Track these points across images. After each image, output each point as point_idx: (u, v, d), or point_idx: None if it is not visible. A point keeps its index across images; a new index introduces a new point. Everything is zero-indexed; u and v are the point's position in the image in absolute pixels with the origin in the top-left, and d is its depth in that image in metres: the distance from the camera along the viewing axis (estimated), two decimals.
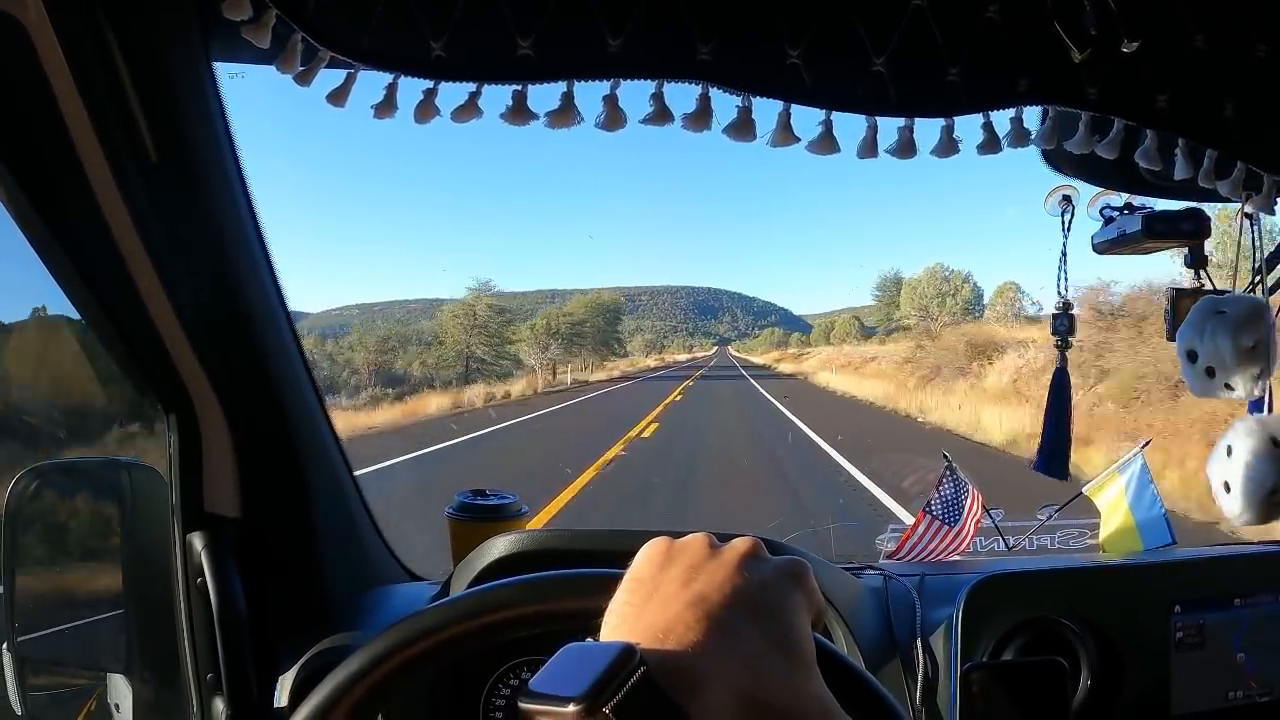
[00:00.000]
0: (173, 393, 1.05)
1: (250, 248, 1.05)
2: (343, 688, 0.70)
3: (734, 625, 0.51)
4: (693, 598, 0.53)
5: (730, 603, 0.53)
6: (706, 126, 0.82)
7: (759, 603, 0.54)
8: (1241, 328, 1.00)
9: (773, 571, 0.57)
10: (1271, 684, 1.11)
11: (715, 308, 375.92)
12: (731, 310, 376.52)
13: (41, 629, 1.16)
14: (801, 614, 0.55)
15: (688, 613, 0.51)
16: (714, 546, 0.58)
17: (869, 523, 1.79)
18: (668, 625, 0.51)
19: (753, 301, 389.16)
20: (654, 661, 0.47)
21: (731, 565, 0.56)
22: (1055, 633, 1.05)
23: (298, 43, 0.81)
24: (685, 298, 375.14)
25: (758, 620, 0.52)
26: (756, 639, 0.51)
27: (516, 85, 0.80)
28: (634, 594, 0.56)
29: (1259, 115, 0.95)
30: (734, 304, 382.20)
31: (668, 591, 0.54)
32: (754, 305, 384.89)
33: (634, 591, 0.56)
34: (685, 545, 0.59)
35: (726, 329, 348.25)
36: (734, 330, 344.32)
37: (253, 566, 1.11)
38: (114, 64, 0.83)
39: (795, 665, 0.52)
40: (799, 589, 0.57)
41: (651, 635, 0.50)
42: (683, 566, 0.56)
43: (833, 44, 0.83)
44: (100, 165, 0.87)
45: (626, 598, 0.56)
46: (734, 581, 0.54)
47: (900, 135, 0.88)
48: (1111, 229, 1.20)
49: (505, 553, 1.13)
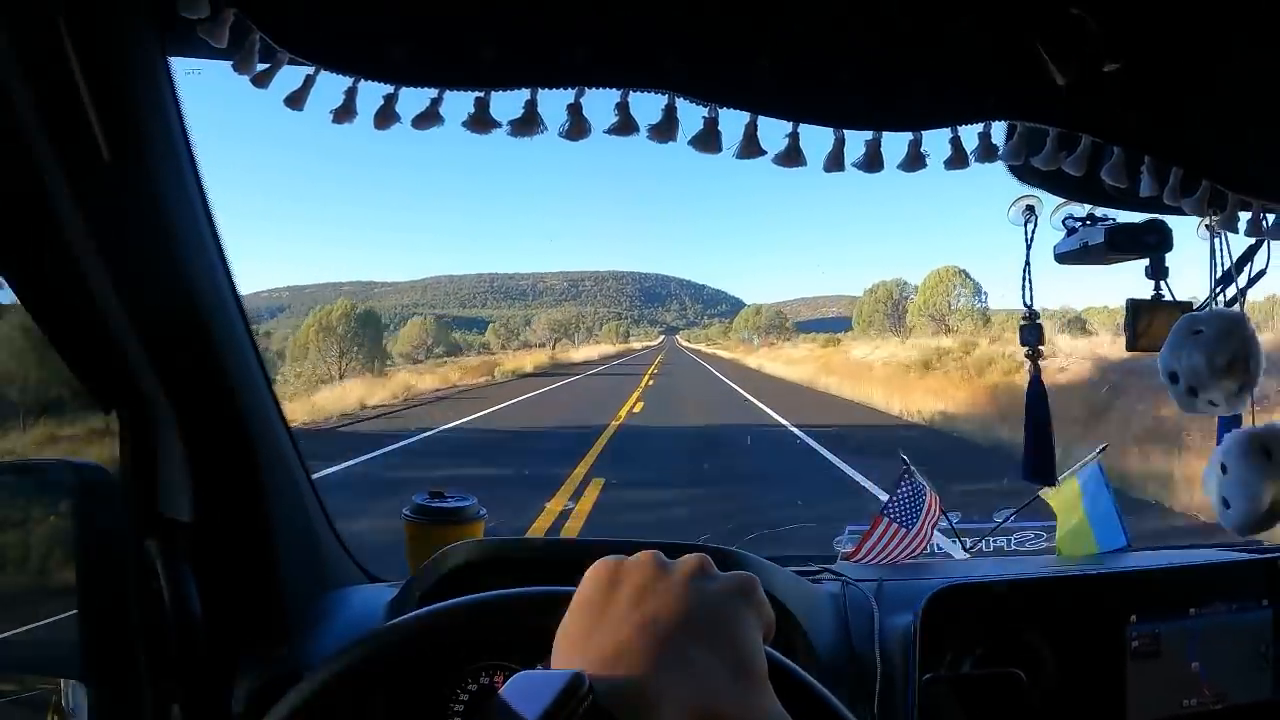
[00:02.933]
0: (123, 391, 1.03)
1: (204, 244, 1.02)
2: (293, 712, 0.69)
3: (683, 647, 0.51)
4: (641, 620, 0.52)
5: (679, 625, 0.52)
6: (672, 138, 0.81)
7: (708, 623, 0.53)
8: (1215, 346, 1.01)
9: (721, 589, 0.56)
10: (1225, 692, 1.13)
11: (663, 295, 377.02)
12: (680, 297, 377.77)
13: None
14: (752, 630, 0.55)
15: (636, 636, 0.51)
16: (661, 565, 0.58)
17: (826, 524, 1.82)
18: (616, 650, 0.51)
19: (702, 289, 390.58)
20: (602, 688, 0.47)
21: (680, 585, 0.55)
22: (1013, 642, 1.06)
23: (255, 43, 0.79)
24: (632, 284, 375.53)
25: (707, 641, 0.52)
26: (706, 660, 0.51)
27: (479, 92, 0.79)
28: (582, 617, 0.55)
29: (1225, 134, 0.96)
30: (683, 291, 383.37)
31: (616, 614, 0.54)
32: (704, 293, 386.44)
33: (582, 615, 0.56)
34: (632, 565, 0.58)
35: (674, 317, 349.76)
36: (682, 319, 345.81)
37: (208, 570, 1.09)
38: (66, 57, 0.81)
39: (747, 683, 0.52)
40: (748, 605, 0.56)
41: (600, 661, 0.50)
42: (631, 587, 0.56)
43: (800, 57, 0.82)
44: (50, 159, 0.84)
45: (575, 621, 0.56)
46: (682, 603, 0.54)
47: (867, 148, 0.87)
48: (1074, 240, 1.20)
49: (465, 560, 1.12)
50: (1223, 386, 1.01)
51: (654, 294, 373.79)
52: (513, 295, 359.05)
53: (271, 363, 40.68)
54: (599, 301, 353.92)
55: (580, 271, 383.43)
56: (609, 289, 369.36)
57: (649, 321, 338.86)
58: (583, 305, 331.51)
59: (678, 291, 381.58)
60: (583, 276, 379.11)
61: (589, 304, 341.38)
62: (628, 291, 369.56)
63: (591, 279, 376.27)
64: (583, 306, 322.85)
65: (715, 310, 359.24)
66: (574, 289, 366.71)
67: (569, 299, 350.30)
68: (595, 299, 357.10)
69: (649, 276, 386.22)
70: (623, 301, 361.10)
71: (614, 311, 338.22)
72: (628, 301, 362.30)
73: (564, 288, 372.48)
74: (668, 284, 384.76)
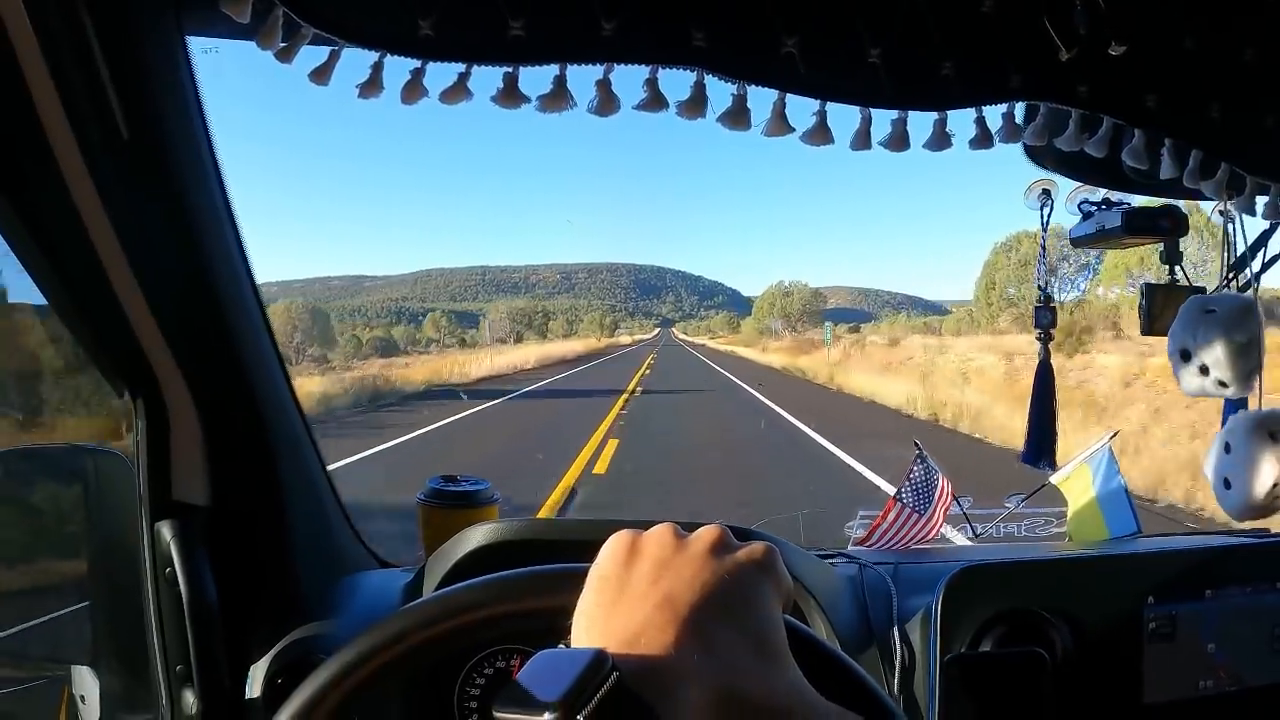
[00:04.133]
0: (140, 377, 1.02)
1: (221, 228, 1.02)
2: (312, 701, 0.69)
3: (704, 624, 0.51)
4: (661, 598, 0.52)
5: (699, 601, 0.52)
6: (701, 114, 0.81)
7: (728, 597, 0.53)
8: (1233, 326, 1.02)
9: (741, 561, 0.56)
10: (1240, 674, 1.14)
11: (659, 287, 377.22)
12: (676, 289, 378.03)
13: (4, 620, 1.12)
14: (771, 602, 0.55)
15: (657, 614, 0.51)
16: (680, 537, 0.58)
17: (838, 510, 1.80)
18: (638, 628, 0.50)
19: (699, 281, 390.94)
20: (626, 667, 0.47)
21: (698, 559, 0.55)
22: (1032, 623, 1.06)
23: (279, 18, 0.78)
24: (626, 276, 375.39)
25: (728, 616, 0.52)
26: (727, 636, 0.51)
27: (507, 67, 0.78)
28: (601, 593, 0.55)
29: (1245, 118, 0.96)
30: (679, 283, 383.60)
31: (636, 591, 0.54)
32: (700, 284, 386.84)
33: (601, 591, 0.55)
34: (650, 538, 0.58)
35: (670, 309, 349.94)
36: (678, 311, 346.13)
37: (223, 555, 1.08)
38: (84, 37, 0.80)
39: (768, 657, 0.52)
40: (767, 577, 0.56)
41: (622, 639, 0.50)
42: (650, 562, 0.56)
43: (828, 35, 0.82)
44: (68, 141, 0.83)
45: (594, 598, 0.55)
46: (702, 577, 0.54)
47: (894, 128, 0.88)
48: (1090, 224, 1.21)
49: (482, 542, 1.12)
50: (1236, 367, 1.02)
51: (649, 286, 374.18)
52: (505, 288, 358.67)
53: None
54: (593, 294, 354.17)
55: (574, 264, 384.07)
56: (603, 281, 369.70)
57: (644, 314, 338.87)
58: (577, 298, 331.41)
59: (673, 283, 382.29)
60: (576, 269, 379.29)
61: (583, 296, 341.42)
62: (622, 283, 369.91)
63: (585, 271, 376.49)
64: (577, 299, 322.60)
65: (712, 302, 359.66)
66: (567, 281, 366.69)
67: (562, 291, 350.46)
68: (589, 291, 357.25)
69: (644, 268, 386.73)
70: (617, 294, 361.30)
71: (608, 304, 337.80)
72: (622, 294, 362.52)
73: (557, 280, 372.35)
74: (663, 275, 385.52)
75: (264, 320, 1.11)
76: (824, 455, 12.38)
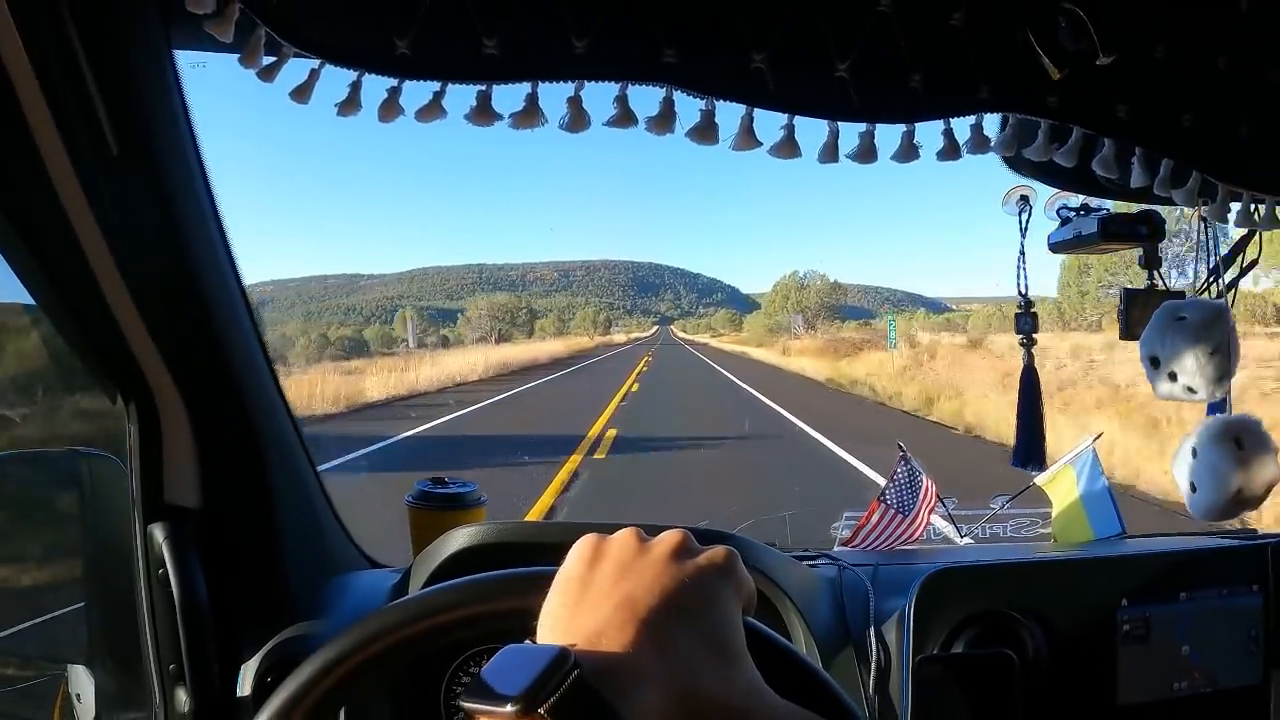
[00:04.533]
0: (132, 382, 1.05)
1: (210, 237, 1.04)
2: (293, 699, 0.71)
3: (663, 626, 0.53)
4: (622, 598, 0.54)
5: (659, 603, 0.54)
6: (670, 130, 0.83)
7: (687, 600, 0.55)
8: (1202, 333, 1.03)
9: (701, 565, 0.58)
10: (1215, 676, 1.15)
11: (657, 284, 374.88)
12: (674, 287, 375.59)
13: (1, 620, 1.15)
14: (731, 605, 0.57)
15: (617, 614, 0.53)
16: (643, 541, 0.59)
17: (825, 511, 1.79)
18: (599, 628, 0.52)
19: (697, 278, 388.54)
20: (588, 664, 0.49)
21: (659, 562, 0.57)
22: (1005, 624, 1.08)
23: (261, 37, 0.80)
24: (624, 273, 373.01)
25: (687, 618, 0.54)
26: (686, 638, 0.53)
27: (481, 85, 0.80)
28: (565, 594, 0.57)
29: (1216, 126, 0.97)
30: (677, 280, 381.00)
31: (598, 591, 0.55)
32: (699, 282, 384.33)
33: (565, 591, 0.57)
34: (614, 542, 0.60)
35: (669, 307, 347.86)
36: (677, 309, 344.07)
37: (214, 556, 1.11)
38: (74, 51, 0.82)
39: (726, 659, 0.53)
40: (727, 580, 0.58)
41: (585, 638, 0.51)
42: (612, 564, 0.57)
43: (797, 49, 0.83)
44: (58, 152, 0.85)
45: (559, 598, 0.57)
46: (662, 580, 0.55)
47: (861, 140, 0.89)
48: (1067, 230, 1.22)
49: (464, 545, 1.14)
50: (1205, 373, 1.03)
51: (647, 283, 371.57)
52: (501, 286, 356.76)
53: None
54: (590, 291, 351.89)
55: (571, 261, 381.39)
56: (601, 279, 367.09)
57: (642, 311, 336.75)
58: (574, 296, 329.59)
59: (672, 280, 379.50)
60: (574, 266, 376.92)
61: (580, 294, 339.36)
62: (620, 281, 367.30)
63: (583, 269, 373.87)
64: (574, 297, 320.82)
65: (711, 299, 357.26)
66: (565, 279, 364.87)
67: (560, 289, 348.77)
68: (587, 289, 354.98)
69: (642, 265, 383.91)
70: (615, 291, 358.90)
71: (606, 302, 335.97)
72: (620, 291, 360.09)
73: (555, 278, 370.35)
74: (661, 273, 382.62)
75: (253, 324, 1.13)
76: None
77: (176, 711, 1.09)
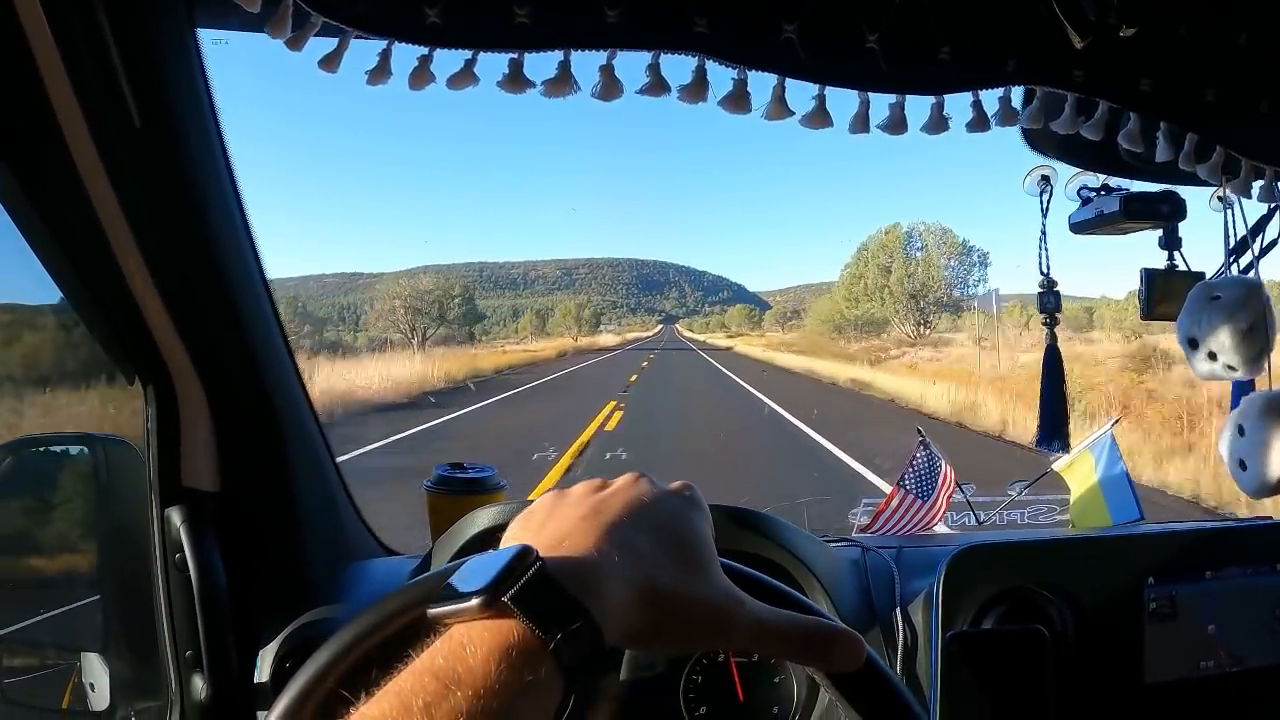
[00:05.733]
0: (151, 365, 1.04)
1: (231, 218, 1.03)
2: (309, 686, 0.71)
3: (626, 529, 0.55)
4: (588, 510, 0.56)
5: (623, 514, 0.56)
6: (703, 98, 0.82)
7: (651, 515, 0.57)
8: (1237, 311, 1.03)
9: (663, 490, 0.61)
10: (1241, 655, 1.14)
11: (661, 282, 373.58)
12: (679, 284, 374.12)
13: (16, 607, 1.14)
14: (696, 522, 0.59)
15: (582, 524, 0.55)
16: (604, 481, 0.62)
17: (843, 498, 1.78)
18: (564, 535, 0.54)
19: (703, 276, 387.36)
20: (551, 562, 0.50)
21: (624, 488, 0.60)
22: (1032, 602, 1.07)
23: (289, 7, 0.79)
24: (628, 271, 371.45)
25: (651, 528, 0.56)
26: (649, 542, 0.55)
27: (513, 53, 0.80)
28: (530, 519, 0.59)
29: (1239, 101, 0.97)
30: (682, 278, 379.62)
31: (564, 510, 0.58)
32: (704, 280, 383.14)
33: (529, 517, 0.59)
34: (577, 485, 0.63)
35: (674, 305, 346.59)
36: (681, 307, 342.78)
37: (231, 541, 1.10)
38: (98, 29, 0.82)
39: (691, 563, 0.56)
40: (689, 501, 0.61)
41: (549, 544, 0.53)
42: (578, 492, 0.60)
43: (827, 20, 0.83)
44: (81, 132, 0.85)
45: (521, 524, 0.59)
46: (626, 497, 0.58)
47: (891, 111, 0.89)
48: (1089, 209, 1.22)
49: (488, 525, 1.13)
50: (1243, 351, 1.03)
51: (651, 281, 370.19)
52: (503, 285, 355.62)
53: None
54: (593, 289, 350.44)
55: (574, 259, 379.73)
56: (604, 277, 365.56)
57: (646, 309, 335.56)
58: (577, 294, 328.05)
59: (676, 278, 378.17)
60: (577, 264, 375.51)
61: (583, 292, 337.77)
62: (624, 279, 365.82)
63: (586, 266, 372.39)
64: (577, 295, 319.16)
65: (716, 297, 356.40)
66: (568, 277, 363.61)
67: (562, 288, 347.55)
68: (590, 287, 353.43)
69: (646, 263, 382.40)
70: (619, 289, 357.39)
71: (609, 300, 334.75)
72: (624, 289, 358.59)
73: (557, 276, 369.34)
74: (666, 271, 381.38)
75: (273, 309, 1.12)
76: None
77: (193, 699, 1.08)
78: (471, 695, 0.43)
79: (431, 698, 0.42)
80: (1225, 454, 1.09)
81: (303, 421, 1.19)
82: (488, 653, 0.45)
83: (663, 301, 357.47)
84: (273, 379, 1.13)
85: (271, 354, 1.12)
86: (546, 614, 0.46)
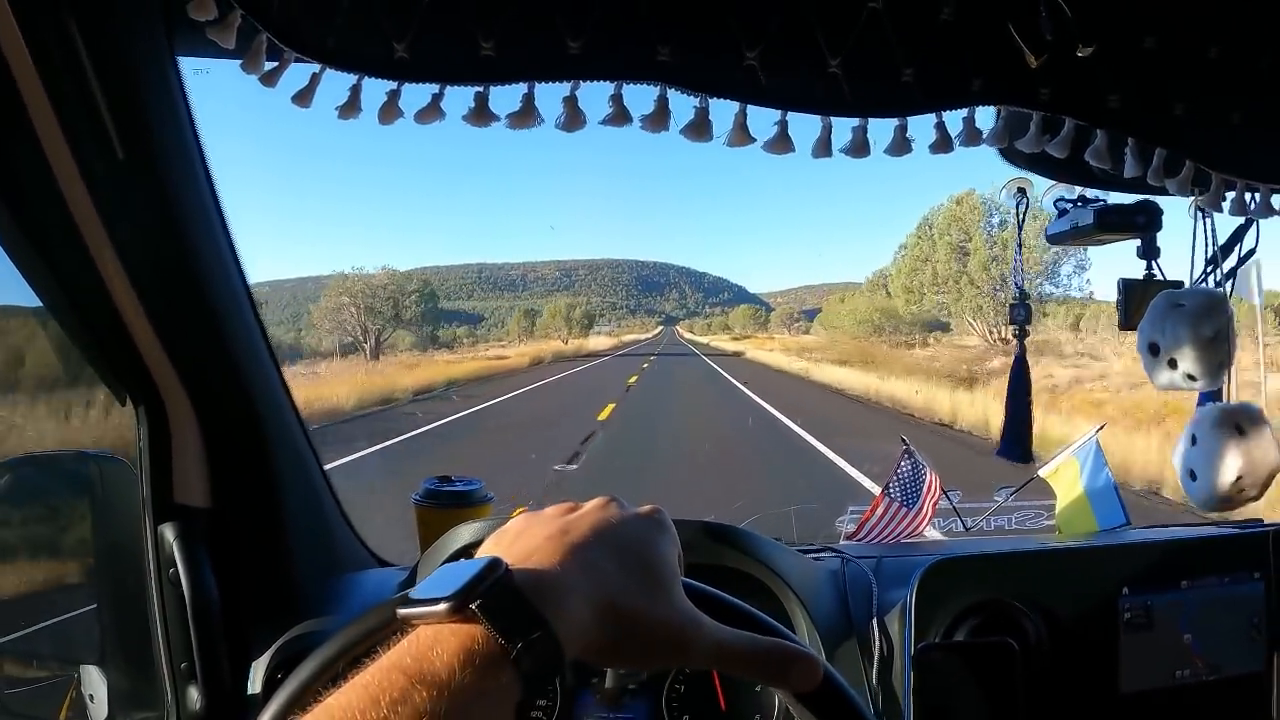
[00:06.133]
0: (140, 385, 1.06)
1: (216, 239, 1.05)
2: (294, 697, 0.73)
3: (590, 550, 0.57)
4: (555, 530, 0.59)
5: (589, 535, 0.59)
6: (664, 127, 0.84)
7: (616, 538, 0.60)
8: (1201, 319, 1.03)
9: (631, 514, 0.63)
10: (1217, 664, 1.15)
11: (662, 283, 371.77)
12: (680, 286, 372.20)
13: (14, 622, 1.17)
14: (661, 545, 0.61)
15: (549, 543, 0.57)
16: (575, 504, 0.65)
17: (829, 505, 1.77)
18: (531, 550, 0.56)
19: (703, 277, 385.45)
20: (518, 574, 0.52)
21: (593, 512, 0.62)
22: (1007, 614, 1.09)
23: (263, 43, 0.82)
24: (628, 272, 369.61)
25: (615, 552, 0.58)
26: (612, 563, 0.57)
27: (478, 86, 0.82)
28: (504, 536, 0.61)
29: (1208, 115, 0.98)
30: (682, 279, 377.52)
31: (534, 531, 0.60)
32: (705, 281, 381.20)
33: (504, 534, 0.62)
34: (550, 507, 0.65)
35: (674, 306, 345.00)
36: (682, 309, 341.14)
37: (224, 556, 1.12)
38: (79, 58, 0.84)
39: (652, 584, 0.58)
40: (656, 525, 0.63)
41: (517, 558, 0.55)
42: (548, 517, 0.62)
43: (789, 46, 0.84)
44: (65, 158, 0.87)
45: (497, 539, 0.61)
46: (592, 520, 0.61)
47: (854, 135, 0.90)
48: (1065, 221, 1.23)
49: (469, 540, 1.16)
50: (1204, 360, 1.03)
51: (652, 282, 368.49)
52: (502, 286, 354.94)
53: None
54: (593, 291, 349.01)
55: (574, 260, 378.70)
56: (604, 278, 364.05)
57: (646, 311, 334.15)
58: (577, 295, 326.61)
59: (677, 279, 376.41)
60: (577, 265, 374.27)
61: (583, 293, 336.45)
62: (624, 280, 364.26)
63: (586, 268, 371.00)
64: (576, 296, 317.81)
65: (718, 299, 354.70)
66: (567, 278, 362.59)
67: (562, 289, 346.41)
68: (590, 288, 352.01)
69: (646, 264, 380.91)
70: (619, 291, 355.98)
71: (609, 301, 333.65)
72: (624, 291, 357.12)
73: (557, 277, 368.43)
74: (666, 272, 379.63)
75: (260, 327, 1.15)
76: None
77: (188, 709, 1.11)
78: (435, 694, 0.45)
79: (398, 694, 0.45)
80: (1178, 463, 1.09)
81: (291, 435, 1.22)
82: (453, 655, 0.47)
83: (663, 303, 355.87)
84: (260, 395, 1.15)
85: (258, 370, 1.14)
86: (509, 623, 0.49)
